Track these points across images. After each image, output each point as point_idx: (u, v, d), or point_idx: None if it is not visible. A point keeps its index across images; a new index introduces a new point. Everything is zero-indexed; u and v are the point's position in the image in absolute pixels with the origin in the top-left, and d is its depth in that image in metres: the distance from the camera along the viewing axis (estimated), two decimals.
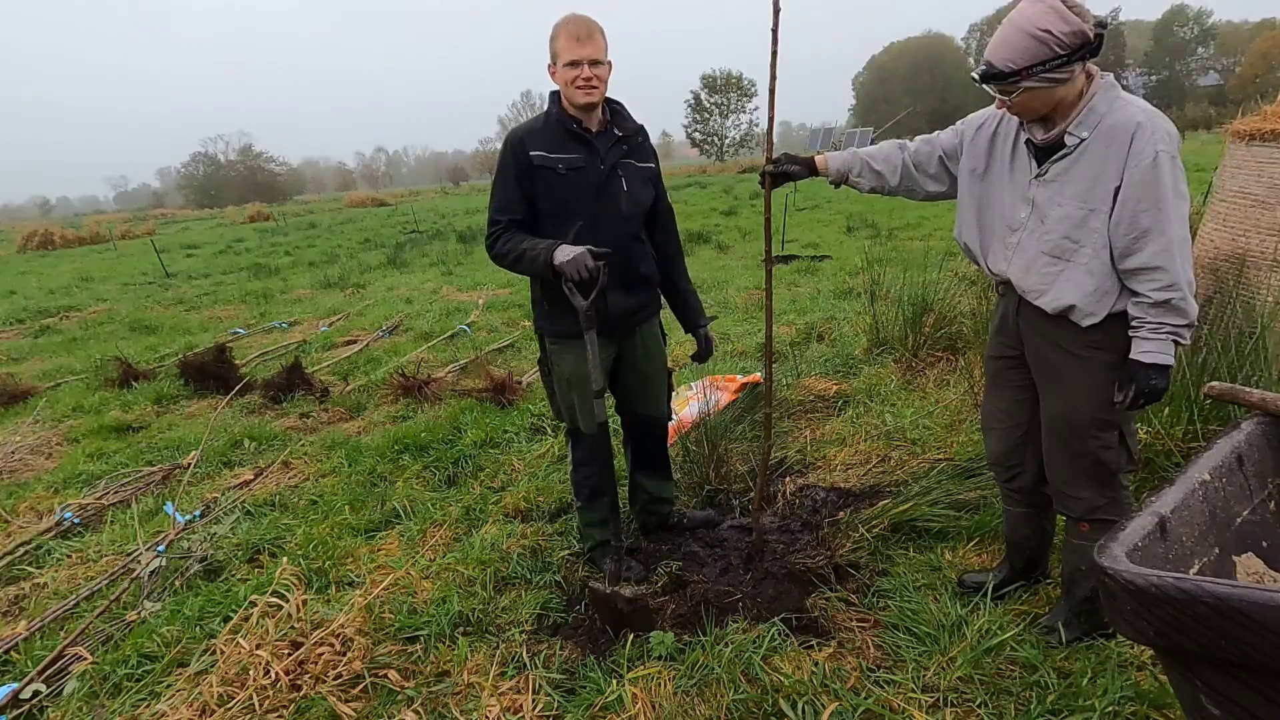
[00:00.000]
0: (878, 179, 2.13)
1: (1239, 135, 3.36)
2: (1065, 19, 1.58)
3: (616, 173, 2.32)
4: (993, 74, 1.67)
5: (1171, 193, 1.62)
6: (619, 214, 2.32)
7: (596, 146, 2.29)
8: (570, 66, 2.18)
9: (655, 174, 2.46)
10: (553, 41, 2.21)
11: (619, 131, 2.33)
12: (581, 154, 2.27)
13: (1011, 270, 1.89)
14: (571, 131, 2.27)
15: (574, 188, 2.27)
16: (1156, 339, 1.69)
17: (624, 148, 2.34)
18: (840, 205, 14.87)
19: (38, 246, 24.34)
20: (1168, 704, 1.76)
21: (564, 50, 2.18)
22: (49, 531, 3.24)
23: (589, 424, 2.44)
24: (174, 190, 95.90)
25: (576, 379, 2.40)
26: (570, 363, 2.41)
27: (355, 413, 4.71)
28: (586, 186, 2.28)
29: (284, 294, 9.93)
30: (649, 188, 2.42)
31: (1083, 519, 1.96)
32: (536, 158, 2.24)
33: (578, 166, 2.27)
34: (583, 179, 2.28)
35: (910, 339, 4.47)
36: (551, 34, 2.22)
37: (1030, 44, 1.61)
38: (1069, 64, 1.62)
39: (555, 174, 2.26)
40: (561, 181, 2.26)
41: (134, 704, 2.09)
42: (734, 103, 66.48)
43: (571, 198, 2.28)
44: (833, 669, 2.01)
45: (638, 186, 2.37)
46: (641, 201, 2.38)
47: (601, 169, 2.29)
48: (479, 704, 1.99)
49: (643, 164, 2.40)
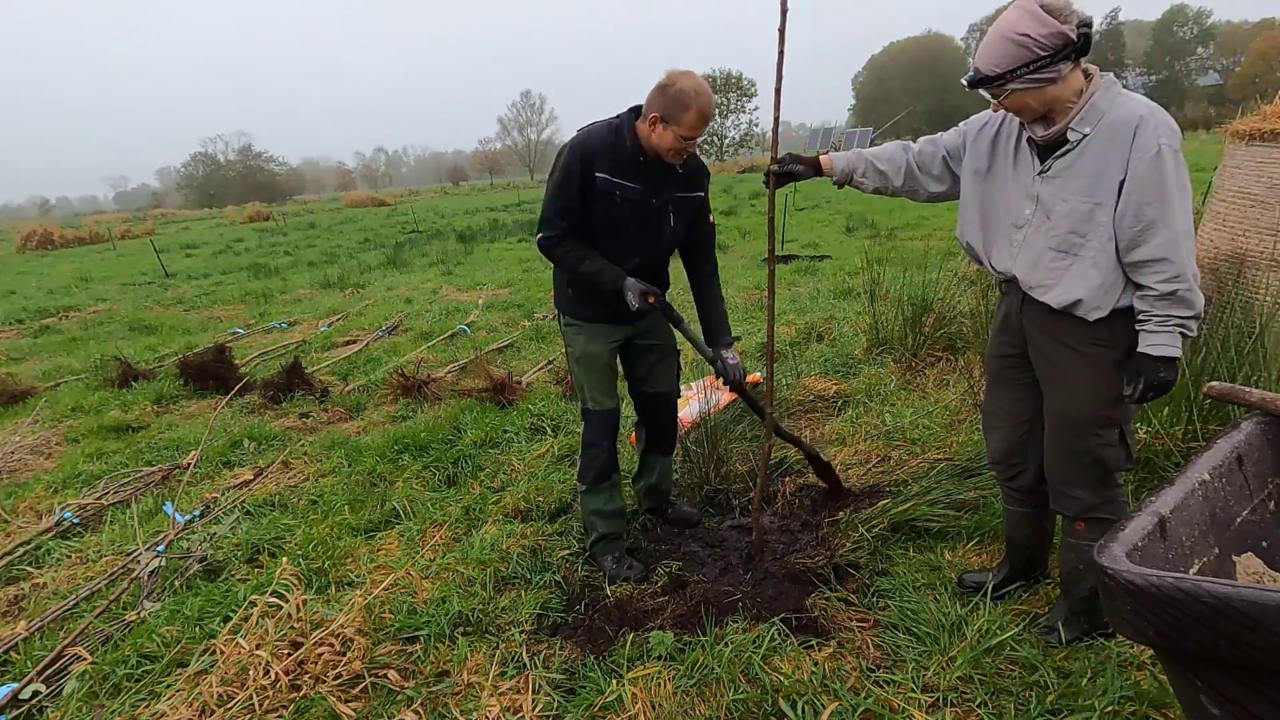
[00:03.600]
0: (882, 179, 2.14)
1: (1238, 135, 3.36)
2: (1043, 22, 1.63)
3: (667, 208, 2.43)
4: (980, 79, 1.72)
5: (1175, 185, 1.64)
6: (660, 243, 2.49)
7: (657, 180, 2.37)
8: (684, 140, 2.25)
9: (701, 201, 2.53)
10: (679, 107, 2.20)
11: (680, 169, 2.39)
12: (640, 186, 2.36)
13: (1017, 266, 1.90)
14: (639, 163, 2.34)
15: (625, 215, 2.38)
16: (1164, 331, 1.69)
17: (680, 183, 2.42)
18: (840, 205, 14.87)
19: (37, 246, 24.33)
20: (1168, 704, 1.76)
21: (688, 125, 2.22)
22: (49, 531, 3.24)
23: (599, 402, 2.60)
24: (174, 190, 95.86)
25: (586, 358, 2.57)
26: (581, 343, 2.57)
27: (355, 413, 4.71)
28: (637, 216, 2.39)
29: (284, 294, 9.93)
30: (691, 218, 2.52)
31: (1079, 518, 1.97)
32: (600, 180, 2.33)
33: (633, 198, 2.36)
34: (635, 210, 2.38)
35: (910, 339, 4.47)
36: (679, 96, 2.20)
37: (1011, 48, 1.66)
38: (1053, 64, 1.65)
39: (612, 199, 2.35)
40: (615, 208, 2.37)
41: (134, 704, 2.09)
42: (734, 103, 66.50)
43: (621, 223, 2.40)
44: (832, 669, 2.01)
45: (683, 220, 2.49)
46: (680, 234, 2.51)
47: (654, 203, 2.39)
48: (479, 704, 1.99)
49: (694, 194, 2.48)
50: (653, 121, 2.26)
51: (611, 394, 2.61)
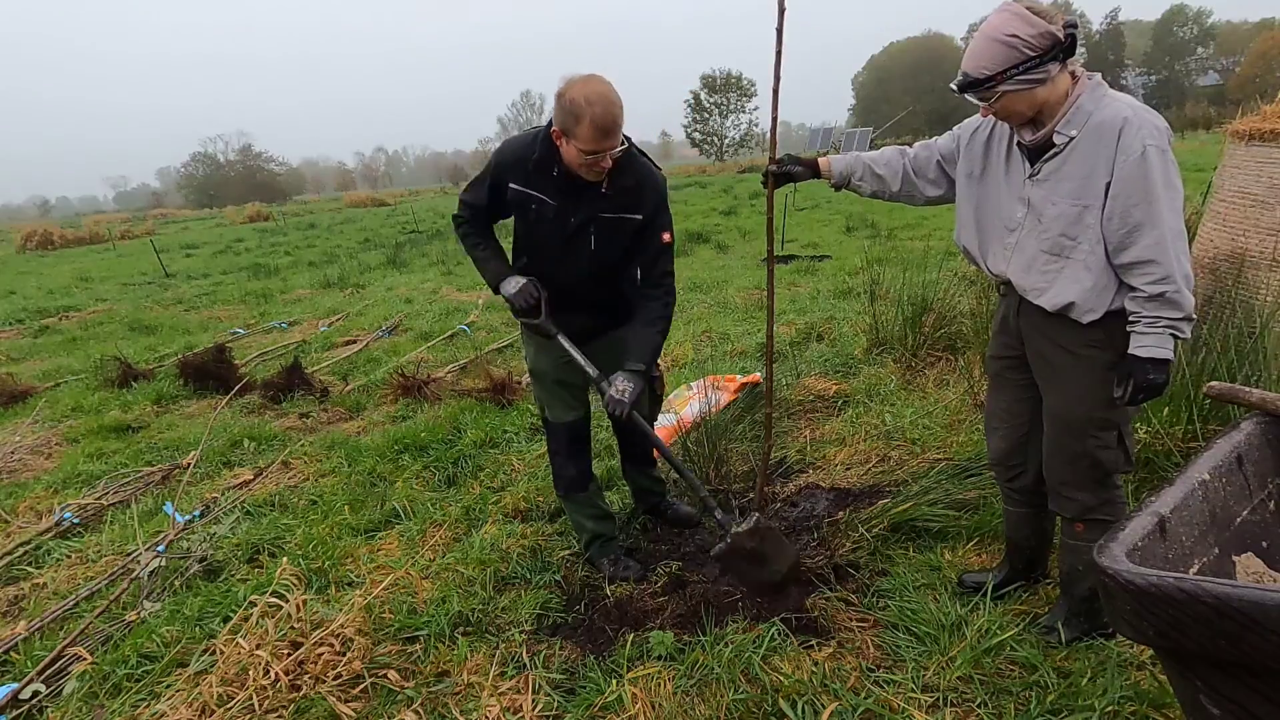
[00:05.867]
0: (879, 183, 2.15)
1: (1238, 135, 3.36)
2: (1030, 22, 1.64)
3: (588, 228, 2.20)
4: (969, 82, 1.72)
5: (1162, 186, 1.64)
6: (577, 265, 2.26)
7: (573, 196, 2.17)
8: (588, 155, 2.02)
9: (638, 225, 2.23)
10: (572, 119, 1.97)
11: (605, 189, 2.16)
12: (557, 202, 2.18)
13: (1011, 270, 1.90)
14: (553, 176, 2.15)
15: (544, 232, 2.24)
16: (1153, 333, 1.70)
17: (603, 203, 2.18)
18: (840, 205, 14.86)
19: (37, 246, 24.31)
20: (1168, 704, 1.76)
21: (585, 139, 1.98)
22: (48, 531, 3.24)
23: (554, 414, 2.54)
24: (173, 190, 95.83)
25: (537, 370, 2.52)
26: (531, 354, 2.51)
27: (355, 413, 4.71)
28: (555, 233, 2.22)
29: (283, 294, 9.93)
30: (621, 242, 2.24)
31: (1077, 519, 1.97)
32: (512, 191, 2.21)
33: (547, 215, 2.20)
34: (552, 227, 2.21)
35: (910, 339, 4.47)
36: (570, 107, 1.97)
37: (1000, 50, 1.66)
38: (1042, 65, 1.66)
39: (527, 211, 2.22)
40: (533, 222, 2.24)
41: (133, 704, 2.09)
42: (733, 103, 66.51)
43: (540, 239, 2.27)
44: (832, 669, 2.01)
45: (610, 242, 2.23)
46: (607, 258, 2.25)
47: (572, 222, 2.19)
48: (479, 704, 1.99)
49: (626, 215, 2.20)
50: (556, 135, 2.06)
51: (568, 407, 2.49)
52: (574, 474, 2.59)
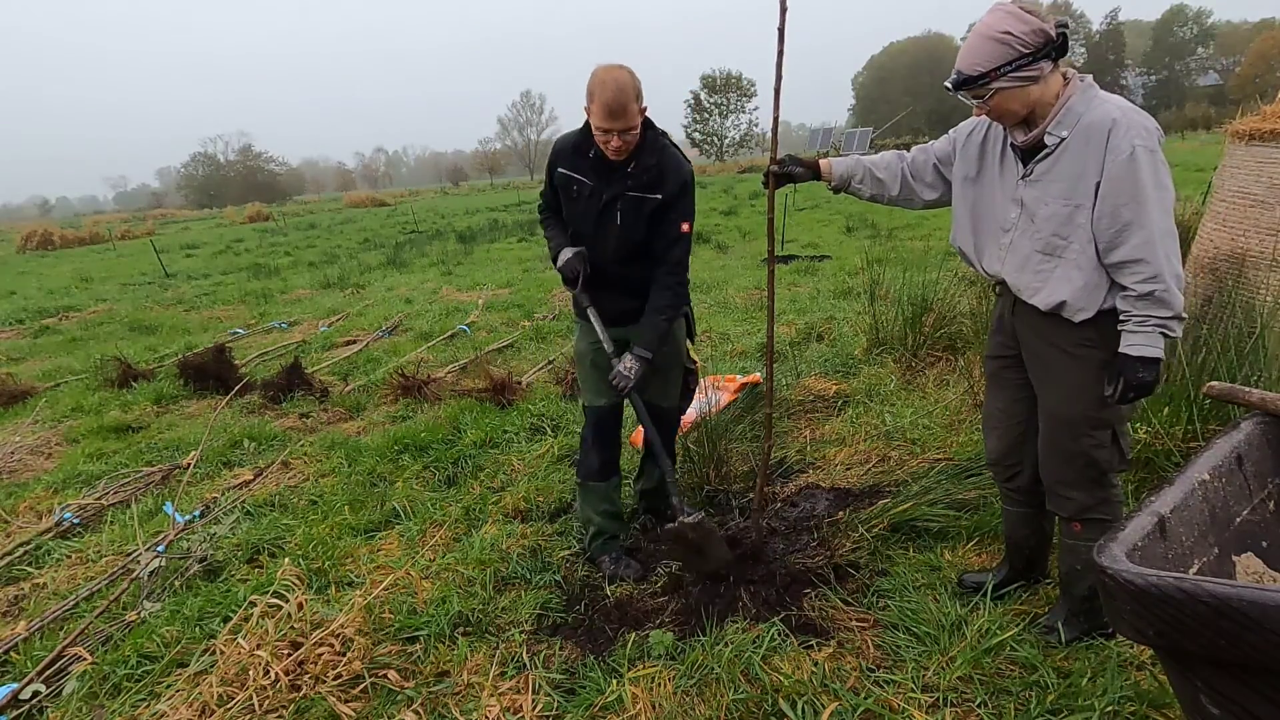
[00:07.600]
0: (879, 186, 2.17)
1: (1238, 135, 3.36)
2: (1023, 20, 1.66)
3: (615, 205, 2.40)
4: (963, 80, 1.73)
5: (1151, 186, 1.65)
6: (608, 243, 2.47)
7: (604, 175, 2.39)
8: (601, 132, 2.25)
9: (659, 205, 2.38)
10: (589, 97, 2.24)
11: (629, 168, 2.37)
12: (592, 182, 2.41)
13: (1006, 270, 1.92)
14: (590, 157, 2.39)
15: (580, 210, 2.46)
16: (1143, 332, 1.70)
17: (629, 181, 2.38)
18: (840, 205, 14.86)
19: (37, 246, 24.33)
20: (1168, 704, 1.76)
21: (596, 116, 2.23)
22: (48, 532, 3.24)
23: (588, 397, 2.67)
24: (173, 190, 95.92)
25: (579, 351, 2.67)
26: (577, 336, 2.69)
27: (355, 413, 4.71)
28: (589, 211, 2.44)
29: (284, 294, 9.93)
30: (648, 222, 2.41)
31: (1075, 519, 1.98)
32: (559, 175, 2.46)
33: (584, 193, 2.43)
34: (586, 204, 2.44)
35: (910, 339, 4.47)
36: (588, 88, 2.24)
37: (994, 47, 1.68)
38: (1034, 62, 1.68)
39: (570, 193, 2.46)
40: (573, 201, 2.47)
41: (134, 704, 2.09)
42: (733, 103, 66.50)
43: (577, 217, 2.49)
44: (832, 669, 2.01)
45: (635, 221, 2.41)
46: (632, 235, 2.43)
47: (603, 199, 2.40)
48: (479, 704, 1.99)
49: (648, 195, 2.37)
50: (587, 111, 2.30)
51: (599, 392, 2.60)
52: (596, 464, 2.64)
